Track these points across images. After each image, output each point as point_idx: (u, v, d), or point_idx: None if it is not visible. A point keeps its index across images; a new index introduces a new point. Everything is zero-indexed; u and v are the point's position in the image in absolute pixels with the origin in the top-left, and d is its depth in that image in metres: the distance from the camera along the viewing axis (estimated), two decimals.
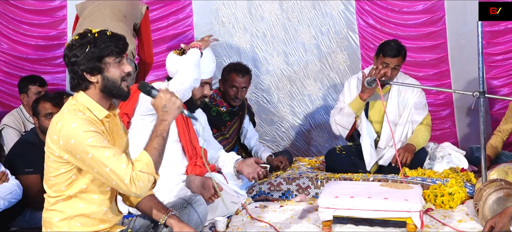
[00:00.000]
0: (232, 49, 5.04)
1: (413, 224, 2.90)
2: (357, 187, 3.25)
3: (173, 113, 2.40)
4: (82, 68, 2.29)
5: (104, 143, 2.24)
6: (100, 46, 2.29)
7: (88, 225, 2.34)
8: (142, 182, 2.24)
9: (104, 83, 2.32)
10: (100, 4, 3.97)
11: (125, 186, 2.22)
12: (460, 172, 3.89)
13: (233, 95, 4.15)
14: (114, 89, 2.34)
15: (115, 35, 2.35)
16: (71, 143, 2.21)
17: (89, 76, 2.30)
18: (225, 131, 4.20)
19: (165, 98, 2.40)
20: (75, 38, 2.34)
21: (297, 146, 5.17)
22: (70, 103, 2.34)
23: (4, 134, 4.33)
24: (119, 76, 2.34)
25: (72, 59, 2.29)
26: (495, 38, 4.95)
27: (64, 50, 2.37)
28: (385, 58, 3.97)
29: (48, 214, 2.37)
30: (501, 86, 4.98)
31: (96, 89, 2.34)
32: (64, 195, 2.32)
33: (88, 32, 2.33)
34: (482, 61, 3.29)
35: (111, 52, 2.31)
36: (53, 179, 2.31)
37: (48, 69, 4.92)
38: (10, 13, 4.87)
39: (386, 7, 5.03)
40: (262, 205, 3.53)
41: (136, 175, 2.23)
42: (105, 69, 2.31)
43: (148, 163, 2.28)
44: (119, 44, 2.33)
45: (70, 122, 2.23)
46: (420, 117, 4.14)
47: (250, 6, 5.03)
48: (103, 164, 2.21)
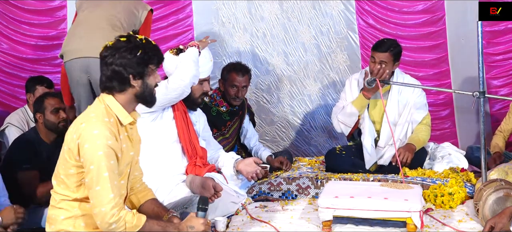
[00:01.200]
0: (232, 49, 5.04)
1: (413, 224, 2.90)
2: (357, 187, 3.25)
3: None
4: (129, 71, 2.33)
5: (111, 162, 2.26)
6: (149, 53, 2.36)
7: (92, 226, 2.36)
8: (115, 225, 2.24)
9: (143, 88, 2.38)
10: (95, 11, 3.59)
11: (100, 212, 2.23)
12: (460, 172, 3.89)
13: (234, 94, 4.15)
14: (148, 96, 2.41)
15: (157, 46, 2.44)
16: (85, 147, 2.24)
17: (133, 79, 2.35)
18: (225, 131, 4.20)
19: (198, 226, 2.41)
20: (120, 40, 2.36)
21: (297, 146, 5.17)
22: (98, 106, 2.36)
23: (8, 133, 4.34)
24: (154, 84, 2.42)
25: (119, 60, 2.32)
26: (495, 38, 4.95)
27: (105, 50, 2.38)
28: (374, 52, 4.01)
29: (54, 211, 2.38)
30: (501, 86, 4.98)
31: (130, 94, 2.37)
32: (71, 197, 2.34)
33: (134, 37, 2.38)
34: (482, 61, 3.29)
35: (155, 61, 2.39)
36: (63, 177, 2.34)
37: (48, 69, 4.92)
38: (10, 13, 4.87)
39: (386, 7, 5.03)
40: (262, 205, 3.53)
41: (119, 216, 2.25)
42: (147, 76, 2.38)
43: (135, 227, 2.29)
44: (160, 55, 2.43)
45: (94, 127, 2.26)
46: (420, 117, 4.15)
47: (250, 6, 5.03)
48: (96, 181, 2.24)
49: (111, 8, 3.55)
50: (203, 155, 3.41)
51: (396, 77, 4.11)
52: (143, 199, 2.62)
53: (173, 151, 3.31)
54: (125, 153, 2.40)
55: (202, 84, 3.44)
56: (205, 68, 3.42)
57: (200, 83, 3.41)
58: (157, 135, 3.25)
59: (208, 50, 3.51)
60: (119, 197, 2.28)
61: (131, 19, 3.55)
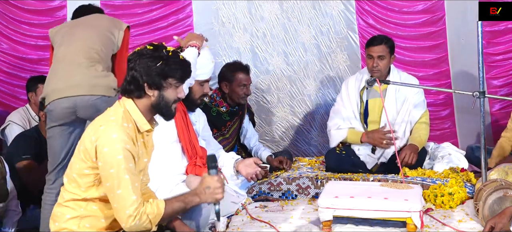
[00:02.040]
0: (232, 49, 5.04)
1: (413, 224, 2.90)
2: (357, 187, 3.26)
3: (208, 198, 2.39)
4: (144, 79, 2.33)
5: (130, 165, 2.26)
6: (170, 66, 2.35)
7: (96, 227, 2.37)
8: (139, 222, 2.26)
9: (159, 100, 2.38)
10: (71, 45, 3.34)
11: (123, 215, 2.24)
12: (460, 172, 3.89)
13: (243, 93, 4.17)
14: (164, 109, 2.40)
15: (185, 61, 2.43)
16: (104, 151, 2.24)
17: (148, 88, 2.35)
18: (225, 131, 4.20)
19: (213, 184, 2.38)
20: (149, 47, 2.39)
21: (297, 146, 5.17)
22: (117, 110, 2.37)
23: (9, 131, 4.34)
24: (173, 98, 2.41)
25: (138, 67, 2.34)
26: (495, 38, 4.95)
27: (131, 54, 2.40)
28: (369, 48, 4.04)
29: (61, 209, 2.38)
30: (501, 86, 4.98)
31: (148, 102, 2.38)
32: (80, 196, 2.34)
33: (164, 48, 2.39)
34: (482, 61, 3.29)
35: (176, 75, 2.37)
36: (76, 176, 2.34)
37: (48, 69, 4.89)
38: (10, 13, 4.86)
39: (386, 7, 5.03)
40: (262, 205, 3.53)
41: (140, 213, 2.26)
42: (165, 88, 2.37)
43: (157, 215, 2.30)
44: (185, 71, 2.42)
45: (113, 131, 2.26)
46: (418, 115, 4.14)
47: (250, 6, 5.02)
48: (117, 185, 2.24)
49: (87, 39, 3.35)
50: (203, 155, 3.41)
51: (392, 73, 4.13)
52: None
53: (173, 151, 3.31)
54: (140, 160, 2.42)
55: (203, 85, 3.43)
56: (206, 70, 3.41)
57: (200, 84, 3.40)
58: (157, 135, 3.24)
59: (209, 51, 3.50)
60: (141, 198, 2.29)
61: (108, 46, 3.38)
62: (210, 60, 3.46)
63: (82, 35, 3.35)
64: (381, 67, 4.01)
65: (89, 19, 3.52)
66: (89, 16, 3.54)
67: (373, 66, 4.00)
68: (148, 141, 2.48)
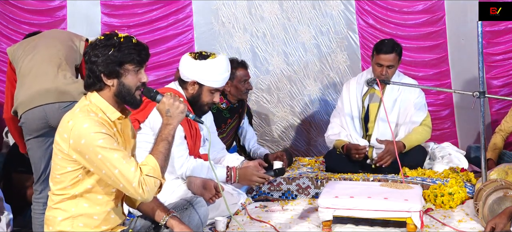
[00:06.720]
0: (232, 49, 5.04)
1: (413, 224, 2.90)
2: (357, 187, 3.26)
3: (177, 117, 2.40)
4: (100, 69, 2.30)
5: (114, 145, 2.25)
6: (123, 51, 2.30)
7: (91, 225, 2.35)
8: (149, 187, 2.25)
9: (119, 88, 2.33)
10: (35, 56, 3.28)
11: (132, 189, 2.23)
12: (460, 172, 3.89)
13: (245, 88, 4.16)
14: (127, 96, 2.35)
15: (139, 44, 2.35)
16: (82, 143, 2.22)
17: (106, 78, 2.31)
18: (224, 129, 4.20)
19: (168, 103, 2.40)
20: (100, 38, 2.34)
21: (297, 146, 5.17)
22: (83, 103, 2.35)
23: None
24: (135, 84, 2.35)
25: (93, 58, 2.30)
26: (495, 38, 4.95)
27: (86, 48, 2.37)
28: (379, 56, 3.96)
29: (52, 212, 2.37)
30: (501, 86, 4.98)
31: (110, 92, 2.34)
32: (69, 194, 2.33)
33: (115, 35, 2.33)
34: (482, 61, 3.30)
35: (133, 60, 2.32)
36: (59, 177, 2.32)
37: None
38: (10, 13, 4.86)
39: (386, 7, 5.03)
40: (262, 205, 3.54)
41: (143, 179, 2.24)
42: (123, 75, 2.32)
43: (155, 167, 2.29)
44: (141, 53, 2.34)
45: (82, 122, 2.24)
46: (419, 118, 4.12)
47: (250, 6, 5.03)
48: (112, 166, 2.22)
49: (51, 48, 3.32)
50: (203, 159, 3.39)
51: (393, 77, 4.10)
52: None
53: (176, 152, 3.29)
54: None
55: (214, 94, 3.30)
56: (220, 78, 3.27)
57: (211, 93, 3.29)
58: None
59: (228, 60, 3.35)
60: (139, 167, 2.26)
61: (71, 55, 3.34)
62: (227, 69, 3.30)
63: (45, 45, 3.33)
64: (389, 75, 3.97)
65: (49, 32, 3.53)
66: (48, 31, 3.54)
67: (381, 74, 3.95)
68: (124, 129, 2.43)
